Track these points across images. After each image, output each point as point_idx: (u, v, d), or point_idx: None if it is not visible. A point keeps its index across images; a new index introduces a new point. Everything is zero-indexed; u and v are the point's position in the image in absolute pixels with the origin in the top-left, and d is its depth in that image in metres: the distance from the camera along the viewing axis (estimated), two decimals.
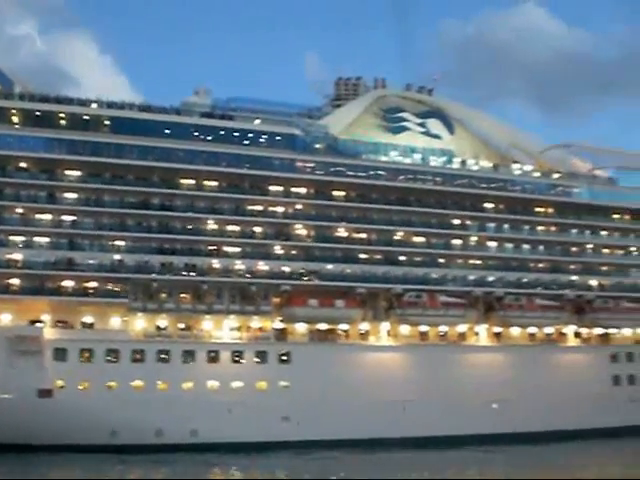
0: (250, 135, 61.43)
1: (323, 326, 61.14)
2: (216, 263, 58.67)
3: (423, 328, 64.74)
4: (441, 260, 67.55)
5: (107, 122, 57.32)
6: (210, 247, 59.15)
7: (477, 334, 67.20)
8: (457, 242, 68.55)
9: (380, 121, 71.32)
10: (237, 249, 59.88)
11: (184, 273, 57.37)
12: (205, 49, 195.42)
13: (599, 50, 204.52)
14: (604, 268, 74.79)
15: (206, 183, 59.76)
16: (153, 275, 56.44)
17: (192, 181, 59.27)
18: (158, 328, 56.61)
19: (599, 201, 75.14)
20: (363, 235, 64.87)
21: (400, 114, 72.15)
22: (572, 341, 71.28)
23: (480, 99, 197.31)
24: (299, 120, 64.65)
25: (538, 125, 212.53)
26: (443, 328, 65.57)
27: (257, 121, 62.65)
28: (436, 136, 73.25)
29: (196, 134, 59.39)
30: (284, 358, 58.09)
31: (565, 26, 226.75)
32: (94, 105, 57.62)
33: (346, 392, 57.27)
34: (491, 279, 68.72)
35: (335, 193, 64.17)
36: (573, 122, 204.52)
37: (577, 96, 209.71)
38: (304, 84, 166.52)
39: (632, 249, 77.14)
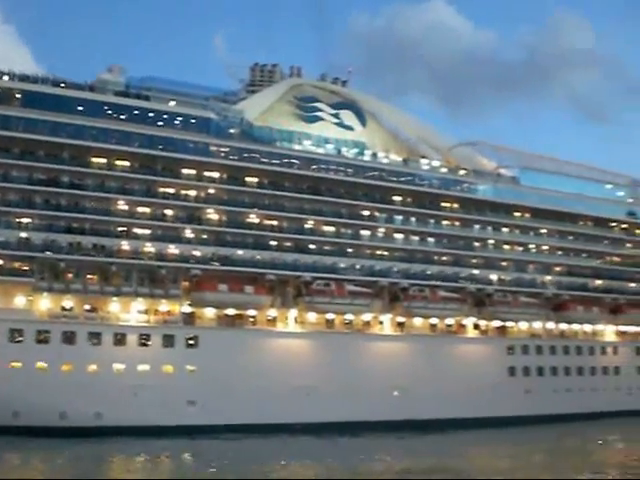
0: (165, 116, 62.74)
1: (231, 311, 63.14)
2: (125, 245, 60.01)
3: (329, 316, 67.81)
4: (350, 250, 71.05)
5: (18, 95, 57.31)
6: (120, 228, 60.39)
7: (381, 323, 71.11)
8: (365, 233, 72.21)
9: (295, 109, 74.04)
10: (147, 231, 61.32)
11: (92, 253, 58.24)
12: (119, 25, 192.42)
13: (503, 50, 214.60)
14: (504, 263, 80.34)
15: (118, 163, 60.82)
16: (60, 255, 56.81)
17: (103, 160, 60.17)
18: (64, 309, 57.20)
19: (502, 199, 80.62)
20: (274, 222, 67.58)
21: (314, 104, 75.15)
22: (471, 332, 76.34)
23: (386, 92, 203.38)
24: (214, 104, 66.44)
25: (441, 121, 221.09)
26: (349, 316, 68.90)
27: (172, 103, 64.04)
28: (349, 127, 76.60)
29: (109, 112, 60.25)
30: (191, 342, 59.91)
31: (472, 25, 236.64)
32: (5, 77, 57.45)
33: (252, 377, 59.72)
34: (397, 270, 72.20)
35: (248, 179, 66.44)
36: (475, 119, 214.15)
37: (480, 94, 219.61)
38: (219, 67, 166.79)
39: (531, 246, 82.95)
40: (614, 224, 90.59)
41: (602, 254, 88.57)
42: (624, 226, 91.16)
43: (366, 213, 72.40)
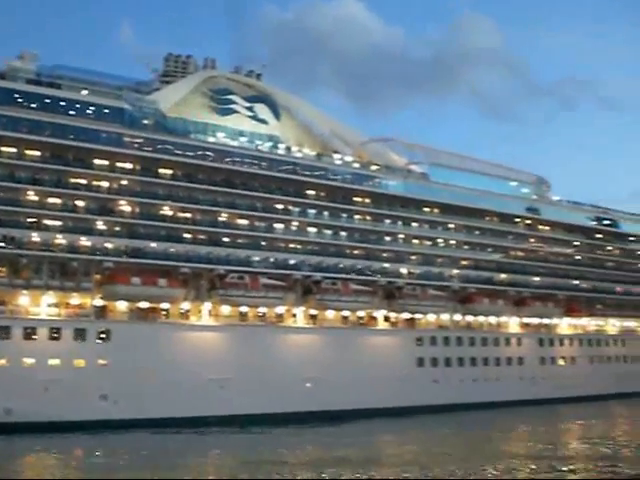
0: (77, 106, 62.86)
1: (145, 304, 63.92)
2: (35, 236, 60.02)
3: (243, 309, 69.59)
4: (263, 243, 73.16)
5: None
6: (30, 219, 60.30)
7: (294, 316, 73.37)
8: (279, 226, 74.22)
9: (209, 102, 75.45)
10: (58, 223, 61.51)
11: (1, 245, 57.91)
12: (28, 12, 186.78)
13: (411, 48, 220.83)
14: (413, 257, 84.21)
15: (28, 152, 60.71)
16: None
17: (13, 149, 60.12)
18: None
19: (412, 194, 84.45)
20: (188, 215, 68.89)
21: (229, 96, 76.76)
22: (381, 324, 79.66)
23: (294, 86, 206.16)
24: (128, 94, 67.01)
25: (349, 116, 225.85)
26: (262, 309, 70.71)
27: (84, 92, 64.23)
28: (263, 121, 78.55)
29: (20, 101, 59.95)
30: (103, 336, 60.51)
31: (381, 22, 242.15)
32: None
33: (166, 371, 60.87)
34: (310, 263, 74.59)
35: (161, 171, 67.48)
36: (382, 115, 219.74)
37: (388, 91, 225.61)
38: (127, 55, 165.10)
39: (439, 241, 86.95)
40: (518, 220, 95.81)
41: (507, 249, 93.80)
42: (528, 222, 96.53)
43: (280, 207, 74.48)
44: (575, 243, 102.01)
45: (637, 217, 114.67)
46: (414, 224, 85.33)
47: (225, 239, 70.33)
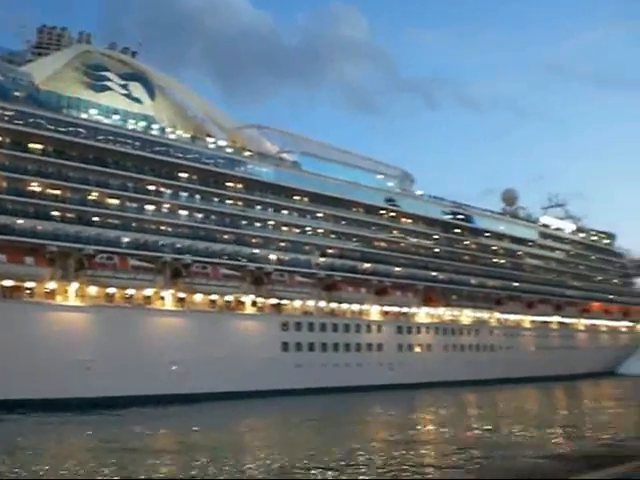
0: None
1: (9, 283, 62.91)
2: None
3: (111, 290, 69.84)
4: (134, 224, 73.63)
5: None
6: None
7: (163, 298, 74.07)
8: (150, 208, 74.61)
9: (83, 77, 75.22)
10: None
11: None
12: None
13: (281, 34, 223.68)
14: (282, 244, 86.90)
15: None
16: None
17: None
18: None
19: (283, 182, 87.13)
20: (57, 192, 68.32)
21: (103, 72, 76.72)
22: (249, 309, 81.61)
23: (163, 66, 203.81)
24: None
25: (217, 99, 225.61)
26: (130, 291, 71.42)
27: None
28: (137, 100, 78.96)
29: None
30: None
31: (252, 6, 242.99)
32: None
33: (29, 351, 60.59)
34: (180, 246, 75.82)
35: (32, 146, 66.67)
36: (251, 100, 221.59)
37: (257, 76, 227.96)
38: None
39: (307, 229, 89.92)
40: (383, 212, 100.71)
41: (371, 239, 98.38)
42: (392, 214, 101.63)
43: (152, 188, 75.21)
44: (435, 236, 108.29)
45: (490, 213, 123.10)
46: (284, 211, 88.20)
47: (95, 218, 70.31)
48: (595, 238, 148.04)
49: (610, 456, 11.44)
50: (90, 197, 70.38)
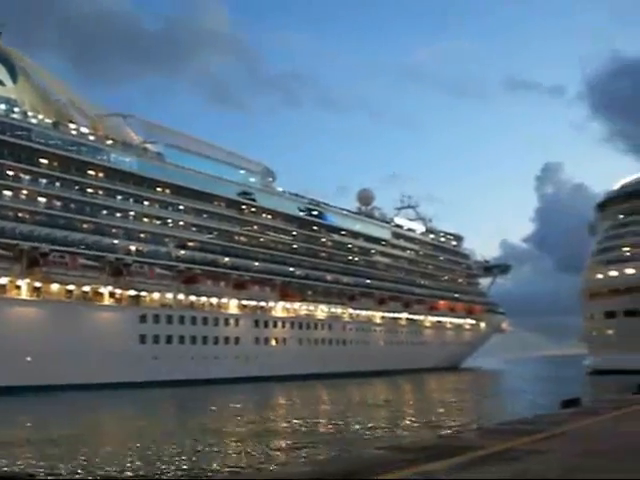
0: None
1: None
2: None
3: None
4: None
5: None
6: None
7: (18, 287, 72.86)
8: (8, 193, 73.35)
9: None
10: None
11: None
12: None
13: (142, 19, 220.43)
14: (143, 235, 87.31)
15: None
16: None
17: None
18: None
19: (146, 173, 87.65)
20: None
21: None
22: (107, 300, 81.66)
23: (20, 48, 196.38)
24: None
25: (77, 85, 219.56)
26: None
27: None
28: None
29: None
30: None
31: None
32: None
33: None
34: (38, 234, 74.98)
35: None
36: (109, 87, 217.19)
37: (115, 62, 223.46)
38: None
39: (169, 221, 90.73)
40: (244, 207, 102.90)
41: (231, 233, 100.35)
42: (252, 209, 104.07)
43: (10, 173, 73.82)
44: (293, 233, 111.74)
45: (346, 212, 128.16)
46: (146, 202, 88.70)
47: None
48: (444, 239, 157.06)
49: (447, 447, 13.17)
50: None
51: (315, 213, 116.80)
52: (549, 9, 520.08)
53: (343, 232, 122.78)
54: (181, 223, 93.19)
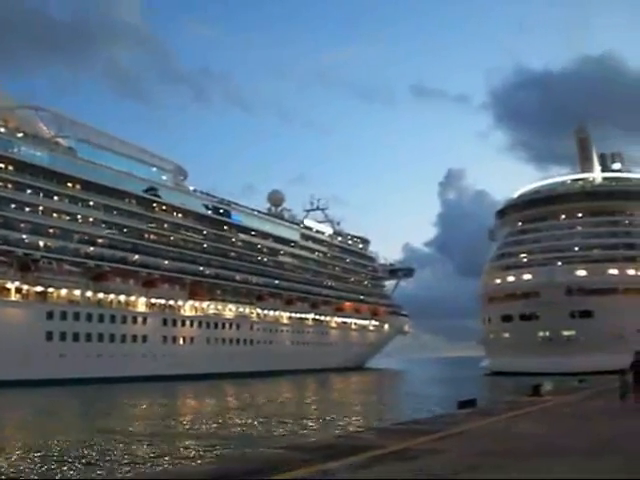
0: None
1: None
2: None
3: None
4: None
5: None
6: None
7: None
8: None
9: None
10: None
11: None
12: None
13: (50, 6, 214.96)
14: (52, 231, 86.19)
15: None
16: None
17: None
18: None
19: (57, 168, 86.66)
20: None
21: None
22: (13, 296, 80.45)
23: None
24: None
25: None
26: None
27: None
28: None
29: None
30: None
31: None
32: None
33: None
34: None
35: None
36: (11, 76, 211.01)
37: (19, 49, 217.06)
38: None
39: (79, 217, 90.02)
40: (155, 205, 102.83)
41: (142, 231, 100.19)
42: (163, 207, 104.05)
43: None
44: (203, 232, 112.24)
45: (257, 213, 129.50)
46: (55, 197, 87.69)
47: None
48: (351, 242, 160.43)
49: (346, 446, 13.89)
50: None
51: (222, 211, 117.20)
52: (458, 20, 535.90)
53: (253, 232, 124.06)
54: (91, 219, 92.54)
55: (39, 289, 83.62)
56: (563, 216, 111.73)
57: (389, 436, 16.10)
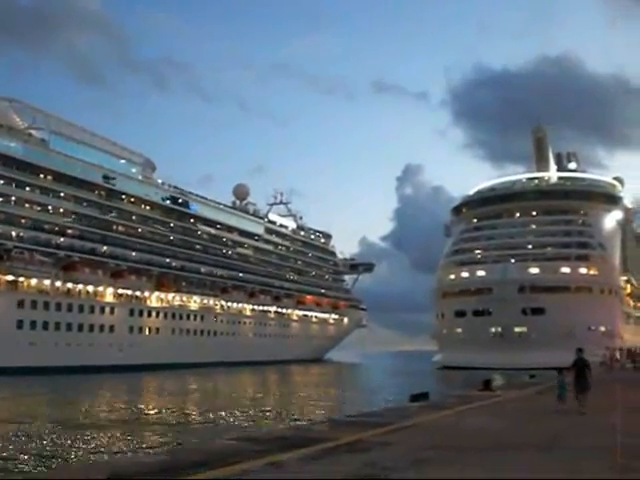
0: None
1: None
2: None
3: None
4: None
5: None
6: None
7: None
8: None
9: None
10: None
11: None
12: None
13: None
14: (24, 221, 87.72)
15: None
16: None
17: None
18: None
19: (30, 159, 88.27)
20: None
21: None
22: None
23: None
24: None
25: None
26: None
27: None
28: None
29: None
30: None
31: None
32: None
33: None
34: None
35: None
36: None
37: None
38: None
39: (50, 208, 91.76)
40: (124, 197, 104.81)
41: (111, 223, 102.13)
42: (132, 200, 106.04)
43: None
44: (170, 224, 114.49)
45: (223, 206, 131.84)
46: (27, 188, 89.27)
47: None
48: (313, 237, 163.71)
49: (299, 438, 14.91)
50: None
51: (180, 201, 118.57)
52: (419, 17, 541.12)
53: (219, 226, 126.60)
54: (61, 210, 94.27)
55: (10, 278, 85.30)
56: (518, 214, 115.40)
57: (342, 428, 16.41)
